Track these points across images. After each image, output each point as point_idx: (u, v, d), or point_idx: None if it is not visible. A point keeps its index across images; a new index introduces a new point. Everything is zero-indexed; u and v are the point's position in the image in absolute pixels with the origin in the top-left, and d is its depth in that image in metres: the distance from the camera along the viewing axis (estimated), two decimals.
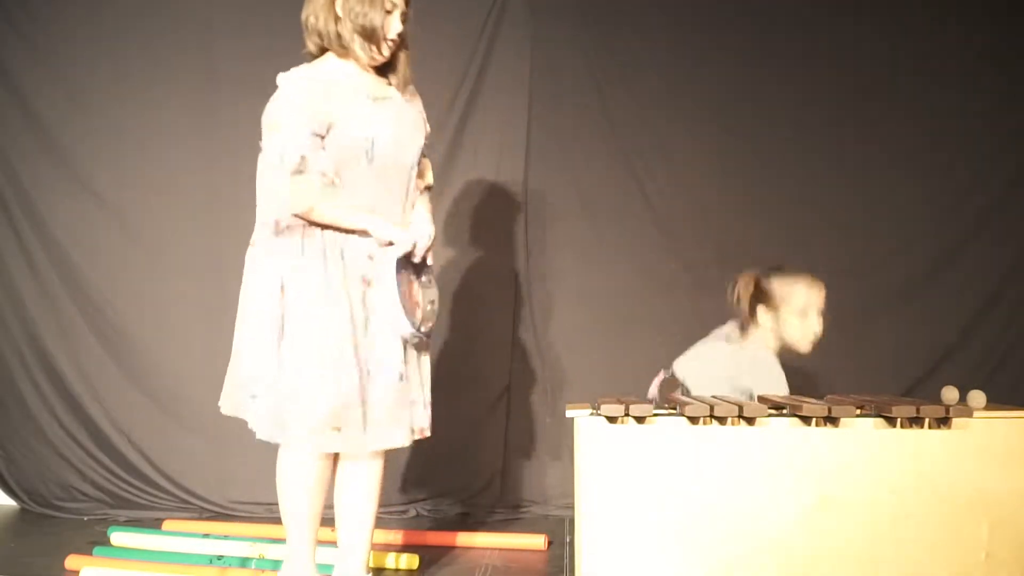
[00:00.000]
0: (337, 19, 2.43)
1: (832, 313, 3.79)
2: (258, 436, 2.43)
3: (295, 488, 2.48)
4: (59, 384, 3.78)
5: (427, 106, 2.66)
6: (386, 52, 2.48)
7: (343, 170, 2.41)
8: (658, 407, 2.31)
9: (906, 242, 3.84)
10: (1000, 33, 3.83)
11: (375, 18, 2.41)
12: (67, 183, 3.78)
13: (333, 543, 2.79)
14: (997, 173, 3.85)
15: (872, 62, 3.83)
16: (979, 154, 3.84)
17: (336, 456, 2.53)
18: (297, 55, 3.47)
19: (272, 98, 2.45)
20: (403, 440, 2.48)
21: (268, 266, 2.42)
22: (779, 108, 3.80)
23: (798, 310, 2.88)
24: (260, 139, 2.46)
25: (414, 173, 2.54)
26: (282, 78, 2.45)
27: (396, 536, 3.25)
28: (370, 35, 2.42)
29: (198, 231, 3.76)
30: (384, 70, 2.53)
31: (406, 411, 2.48)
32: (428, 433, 2.57)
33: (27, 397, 3.78)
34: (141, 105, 3.79)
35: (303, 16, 2.49)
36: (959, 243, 3.84)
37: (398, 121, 2.50)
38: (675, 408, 2.27)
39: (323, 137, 2.39)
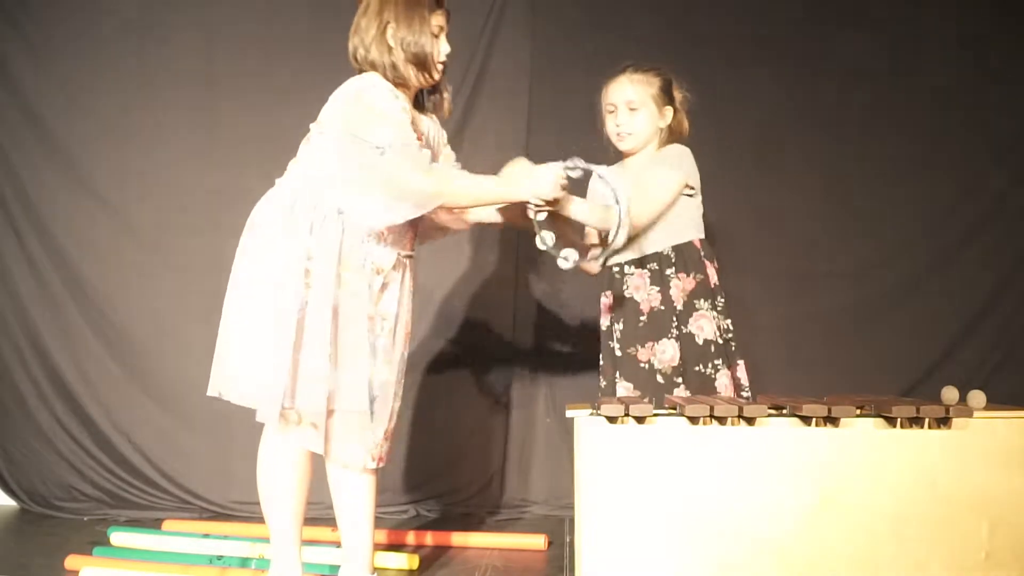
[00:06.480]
0: (390, 49, 2.45)
1: (833, 313, 3.83)
2: (258, 417, 2.42)
3: (274, 477, 2.47)
4: (59, 384, 3.78)
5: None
6: (437, 76, 2.52)
7: None
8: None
9: (906, 242, 3.85)
10: (1000, 33, 3.84)
11: (426, 44, 2.45)
12: (67, 183, 3.78)
13: (336, 543, 2.80)
14: (998, 173, 3.86)
15: (871, 62, 3.83)
16: (980, 154, 3.84)
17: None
18: (296, 54, 3.47)
19: (356, 91, 2.42)
20: (365, 463, 2.47)
21: (288, 250, 2.39)
22: (777, 109, 3.80)
23: (607, 109, 2.89)
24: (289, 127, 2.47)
25: None
26: (366, 79, 2.44)
27: (396, 536, 3.26)
28: (422, 62, 2.46)
29: (198, 231, 3.75)
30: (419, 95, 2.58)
31: (375, 435, 2.47)
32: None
33: (27, 397, 3.78)
34: (141, 105, 3.80)
35: (351, 48, 2.50)
36: (960, 243, 3.85)
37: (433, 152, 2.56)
38: (675, 408, 2.27)
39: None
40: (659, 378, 2.74)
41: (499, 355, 3.80)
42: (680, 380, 2.73)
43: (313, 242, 2.39)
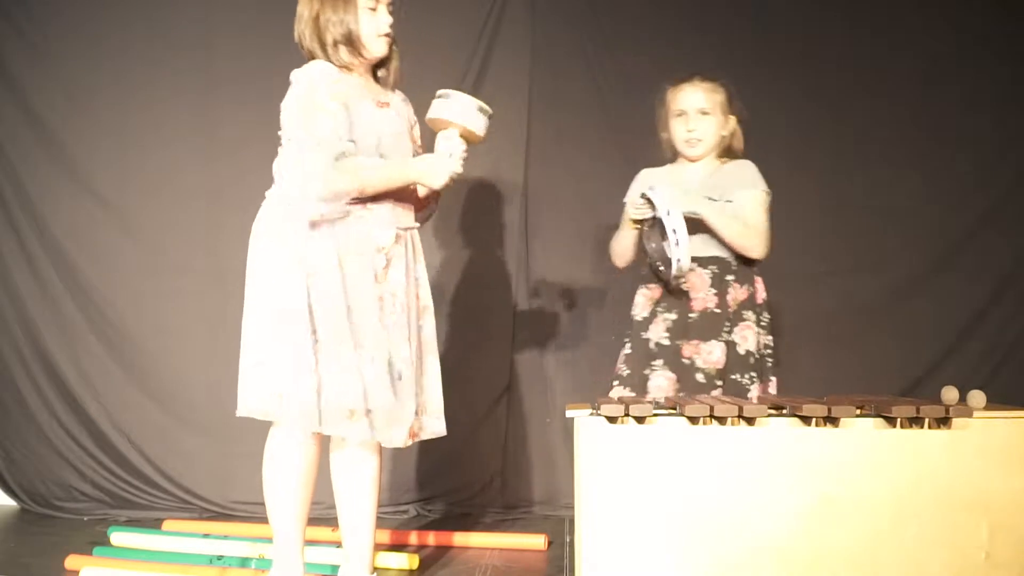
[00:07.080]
0: (321, 33, 2.47)
1: (833, 313, 3.83)
2: (287, 427, 2.43)
3: (280, 478, 2.47)
4: (59, 384, 3.78)
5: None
6: (376, 51, 2.51)
7: None
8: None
9: (907, 242, 3.84)
10: (1000, 33, 3.83)
11: (351, 23, 2.45)
12: (67, 183, 3.78)
13: (336, 543, 2.79)
14: (999, 173, 3.86)
15: (873, 59, 3.83)
16: (981, 154, 3.84)
17: (322, 451, 2.54)
18: (298, 54, 3.45)
19: (295, 87, 2.44)
20: (401, 441, 2.48)
21: (284, 254, 2.41)
22: (780, 107, 3.80)
23: (675, 114, 2.87)
24: (278, 130, 2.46)
25: None
26: (303, 70, 2.45)
27: (397, 536, 3.26)
28: (350, 42, 2.46)
29: (198, 231, 3.76)
30: (376, 69, 2.57)
31: (406, 412, 2.48)
32: (433, 435, 2.60)
33: (27, 397, 3.79)
34: (141, 105, 3.80)
35: (295, 36, 2.52)
36: (960, 243, 3.85)
37: (398, 122, 2.55)
38: (675, 408, 2.27)
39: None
40: (700, 377, 2.75)
41: (499, 355, 3.80)
42: (721, 383, 2.75)
43: (310, 247, 2.39)
